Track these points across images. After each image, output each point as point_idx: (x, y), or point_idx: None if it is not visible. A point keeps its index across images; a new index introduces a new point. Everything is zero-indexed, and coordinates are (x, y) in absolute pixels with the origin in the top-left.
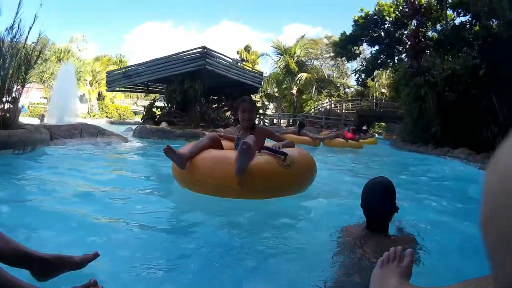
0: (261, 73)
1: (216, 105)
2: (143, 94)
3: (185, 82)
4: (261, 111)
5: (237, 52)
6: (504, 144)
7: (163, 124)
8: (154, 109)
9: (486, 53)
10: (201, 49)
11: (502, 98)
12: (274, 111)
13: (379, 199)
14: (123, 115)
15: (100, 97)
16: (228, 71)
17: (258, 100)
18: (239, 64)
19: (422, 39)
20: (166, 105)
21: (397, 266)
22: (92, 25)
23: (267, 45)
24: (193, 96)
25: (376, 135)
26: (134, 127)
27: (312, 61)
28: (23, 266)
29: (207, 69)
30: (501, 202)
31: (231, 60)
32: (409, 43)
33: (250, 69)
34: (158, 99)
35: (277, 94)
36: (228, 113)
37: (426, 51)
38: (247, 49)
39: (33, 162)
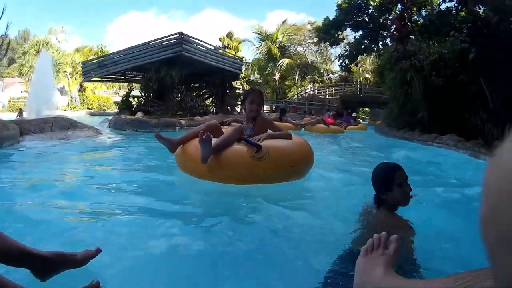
0: (241, 59)
1: (196, 93)
2: (125, 84)
3: (162, 69)
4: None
5: (219, 39)
6: (505, 142)
7: (139, 114)
8: (131, 99)
9: (476, 36)
10: (178, 35)
11: (492, 83)
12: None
13: (372, 182)
14: (104, 106)
15: (81, 88)
16: (206, 57)
17: (239, 86)
18: (217, 49)
19: (408, 23)
20: (142, 94)
21: (382, 254)
22: (75, 17)
23: (250, 32)
24: (170, 84)
25: (361, 121)
26: (110, 118)
27: (295, 47)
28: (23, 265)
29: (184, 56)
30: (501, 201)
31: (209, 46)
32: (394, 26)
33: (230, 55)
34: (134, 88)
35: (260, 81)
36: (209, 101)
37: (411, 36)
38: (229, 35)
39: None
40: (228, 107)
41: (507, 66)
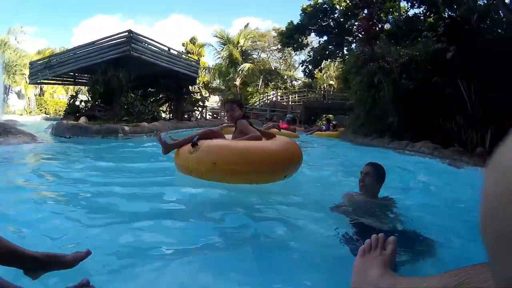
0: (197, 62)
1: (154, 98)
2: (86, 87)
3: (108, 71)
4: (201, 103)
5: (183, 44)
6: (504, 144)
7: (82, 120)
8: (78, 103)
9: (455, 34)
10: (126, 33)
11: (471, 85)
12: (220, 104)
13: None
14: (60, 111)
15: (41, 92)
16: (157, 58)
17: (197, 91)
18: (171, 50)
19: (377, 22)
20: (88, 97)
21: (379, 254)
22: (43, 19)
23: (214, 37)
24: (118, 86)
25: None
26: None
27: (259, 53)
28: (15, 265)
29: (133, 56)
30: (500, 203)
31: (161, 47)
32: (361, 27)
33: (184, 56)
34: (80, 91)
35: (223, 87)
36: (164, 106)
37: (379, 39)
38: (192, 41)
39: None
40: (185, 113)
41: (489, 66)
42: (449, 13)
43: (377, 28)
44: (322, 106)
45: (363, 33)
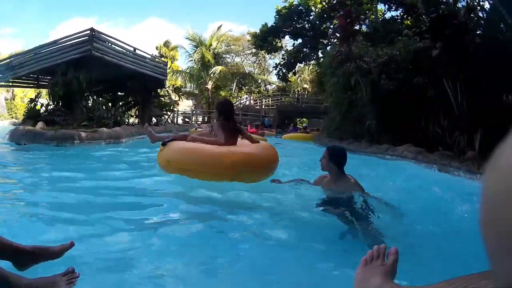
0: (165, 64)
1: (123, 102)
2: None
3: (69, 72)
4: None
5: (156, 48)
6: (504, 144)
7: (39, 125)
8: (38, 107)
9: (441, 30)
10: (88, 32)
11: (458, 85)
12: (193, 109)
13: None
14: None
15: (12, 96)
16: (122, 59)
17: (167, 94)
18: (137, 51)
19: (354, 20)
20: (49, 101)
21: (381, 265)
22: (21, 21)
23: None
24: (78, 89)
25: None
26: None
27: (234, 57)
28: (5, 258)
29: (95, 56)
30: (500, 204)
31: (127, 47)
32: (339, 25)
33: (149, 56)
34: (40, 95)
35: (196, 92)
36: (133, 111)
37: (356, 39)
38: (166, 44)
39: None
40: (153, 118)
41: (478, 64)
42: (428, 14)
43: (354, 27)
44: (296, 109)
45: (340, 32)
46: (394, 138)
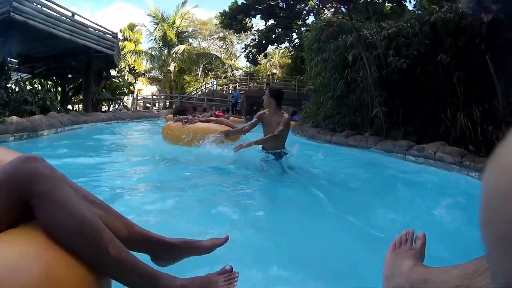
0: (114, 34)
1: (67, 84)
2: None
3: None
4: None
5: (120, 31)
6: (505, 141)
7: None
8: None
9: None
10: None
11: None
12: (154, 93)
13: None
14: None
15: None
16: (55, 27)
17: (118, 75)
18: (76, 17)
19: None
20: None
21: (409, 249)
22: None
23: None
24: None
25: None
26: None
27: (200, 42)
28: (145, 250)
29: (18, 21)
30: (500, 201)
31: (63, 11)
32: None
33: (94, 25)
34: None
35: (161, 77)
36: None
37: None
38: (130, 27)
39: None
40: (102, 103)
41: None
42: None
43: None
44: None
45: None
46: (406, 131)
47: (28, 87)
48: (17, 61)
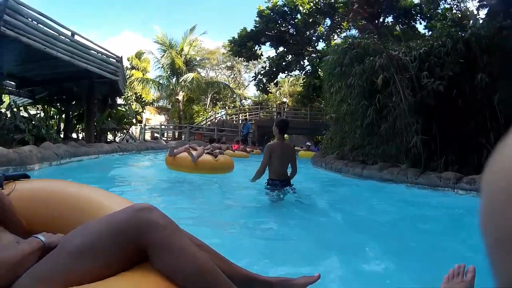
0: (118, 58)
1: (77, 113)
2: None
3: None
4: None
5: (128, 59)
6: (503, 144)
7: None
8: None
9: None
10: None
11: None
12: (162, 123)
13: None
14: None
15: None
16: (51, 46)
17: (125, 103)
18: (76, 37)
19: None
20: None
21: (461, 281)
22: None
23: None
24: None
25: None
26: None
27: (208, 71)
28: None
29: (9, 37)
30: (501, 201)
31: (62, 30)
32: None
33: (95, 46)
34: None
35: (169, 106)
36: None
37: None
38: (138, 55)
39: None
40: (108, 133)
41: None
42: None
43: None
44: None
45: (358, 10)
46: (446, 162)
47: (27, 113)
48: (14, 83)
